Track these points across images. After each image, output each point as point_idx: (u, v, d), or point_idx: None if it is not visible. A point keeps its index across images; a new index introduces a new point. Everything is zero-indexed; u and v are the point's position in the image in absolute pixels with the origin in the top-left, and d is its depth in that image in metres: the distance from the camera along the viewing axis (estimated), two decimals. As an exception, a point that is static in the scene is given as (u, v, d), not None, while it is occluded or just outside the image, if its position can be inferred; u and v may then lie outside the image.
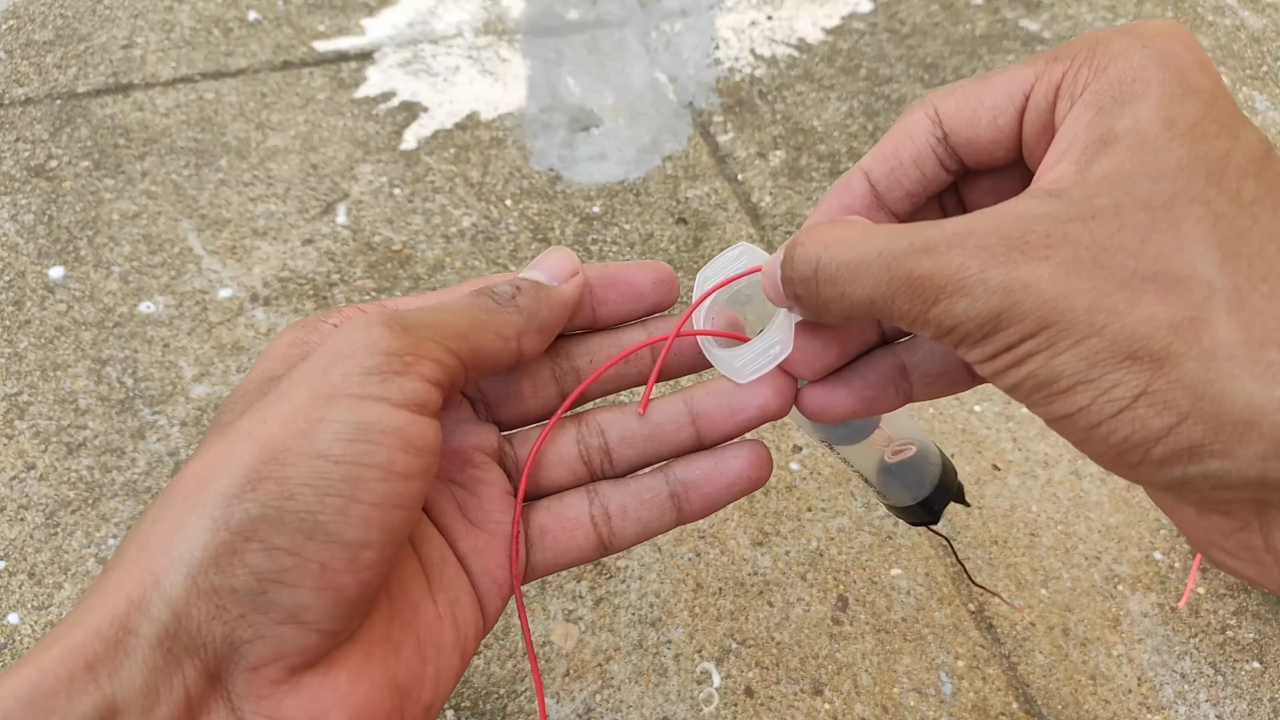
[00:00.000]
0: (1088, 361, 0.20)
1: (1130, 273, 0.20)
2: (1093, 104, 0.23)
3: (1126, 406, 0.20)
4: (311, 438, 0.22)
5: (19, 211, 0.77)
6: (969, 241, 0.21)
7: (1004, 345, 0.21)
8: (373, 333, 0.23)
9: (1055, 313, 0.20)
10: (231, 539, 0.21)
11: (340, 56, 0.93)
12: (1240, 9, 1.08)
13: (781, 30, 1.02)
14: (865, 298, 0.23)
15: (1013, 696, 0.57)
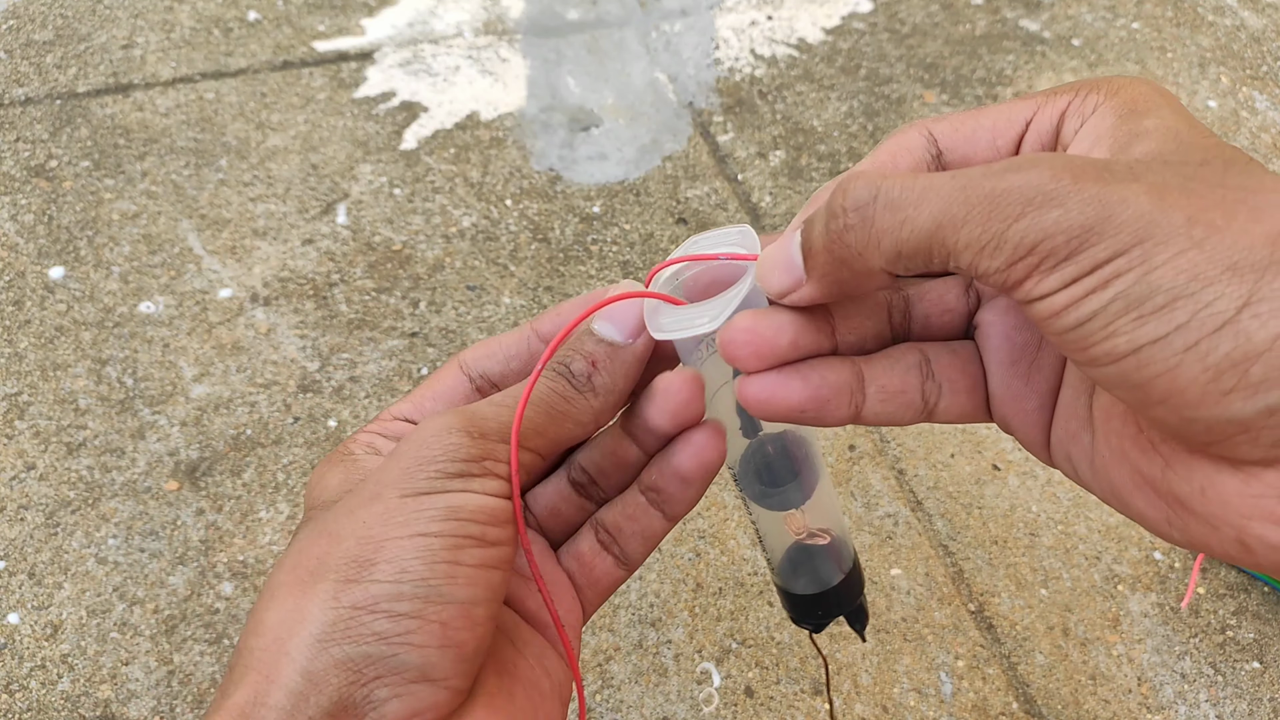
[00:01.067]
0: (1188, 274, 0.19)
1: (1220, 197, 0.20)
2: (1112, 112, 0.23)
3: (1230, 320, 0.19)
4: (409, 524, 0.24)
5: (19, 211, 0.77)
6: (1056, 161, 0.20)
7: (1092, 264, 0.20)
8: (452, 440, 0.25)
9: (1153, 225, 0.19)
10: (356, 613, 0.23)
11: (340, 56, 0.93)
12: (1240, 9, 1.08)
13: (781, 30, 1.02)
14: (930, 223, 0.21)
15: (1013, 696, 0.57)
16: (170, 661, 0.56)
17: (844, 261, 0.23)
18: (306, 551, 0.25)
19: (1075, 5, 1.07)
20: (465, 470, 0.25)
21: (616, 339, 0.27)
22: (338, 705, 0.23)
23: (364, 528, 0.24)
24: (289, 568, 0.25)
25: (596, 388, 0.27)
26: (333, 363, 0.70)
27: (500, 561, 0.25)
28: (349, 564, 0.24)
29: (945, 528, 0.65)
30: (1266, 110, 0.97)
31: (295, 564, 0.25)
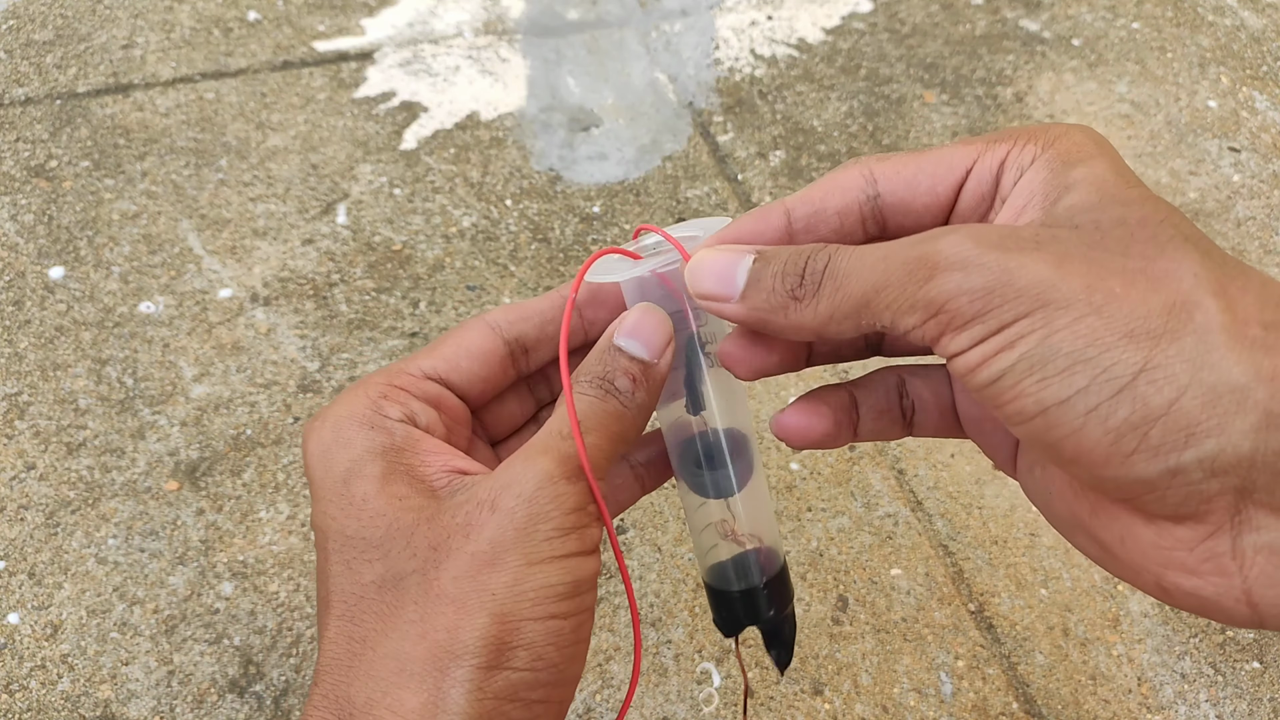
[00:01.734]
0: (1086, 339, 0.20)
1: (1121, 266, 0.21)
2: (1045, 166, 0.24)
3: (1127, 385, 0.20)
4: (538, 604, 0.24)
5: (19, 211, 0.77)
6: (966, 231, 0.22)
7: (997, 325, 0.21)
8: (559, 490, 0.25)
9: (1053, 290, 0.20)
10: (498, 704, 0.24)
11: (340, 56, 0.93)
12: (1240, 9, 1.08)
13: (781, 30, 1.02)
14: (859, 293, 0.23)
15: (1013, 696, 0.57)
16: (170, 661, 0.56)
17: (780, 309, 0.25)
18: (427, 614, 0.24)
19: (1075, 5, 1.07)
20: (576, 523, 0.25)
21: (645, 357, 0.28)
22: None
23: (496, 603, 0.24)
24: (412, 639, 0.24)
25: (639, 404, 0.28)
26: (333, 363, 0.70)
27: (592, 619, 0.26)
28: (488, 648, 0.24)
29: (945, 528, 0.65)
30: (1266, 110, 0.97)
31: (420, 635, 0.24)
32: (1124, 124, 0.95)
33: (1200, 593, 0.22)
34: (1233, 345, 0.20)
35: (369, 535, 0.26)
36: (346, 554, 0.26)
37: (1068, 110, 0.95)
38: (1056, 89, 0.97)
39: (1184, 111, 0.96)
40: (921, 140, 0.91)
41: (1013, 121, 0.94)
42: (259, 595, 0.59)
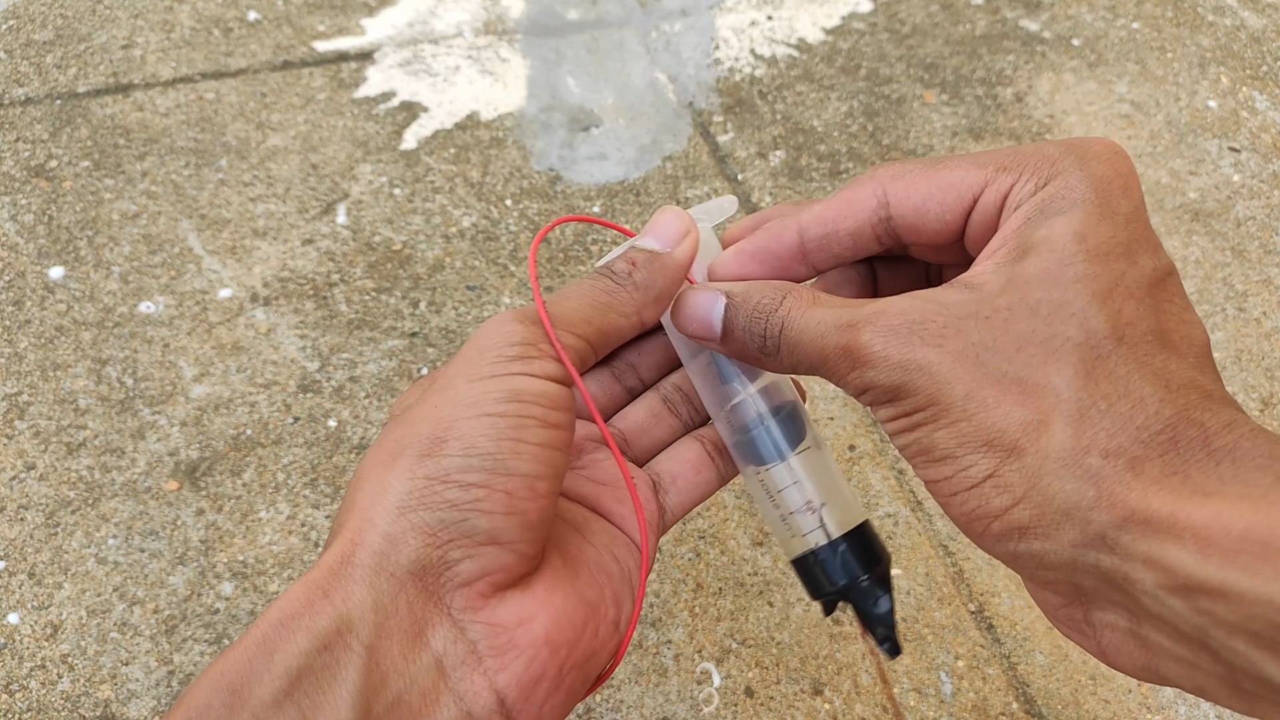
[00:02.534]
0: (956, 440, 0.25)
1: (1002, 374, 0.24)
2: (1025, 214, 0.26)
3: (977, 484, 0.24)
4: (477, 405, 0.27)
5: (19, 211, 0.77)
6: (880, 322, 0.26)
7: (902, 411, 0.26)
8: (507, 327, 0.28)
9: (941, 394, 0.25)
10: (430, 483, 0.26)
11: (340, 56, 0.93)
12: (1240, 9, 1.08)
13: (781, 30, 1.02)
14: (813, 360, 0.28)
15: (1013, 696, 0.57)
16: (170, 661, 0.56)
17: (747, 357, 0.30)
18: (388, 438, 0.28)
19: (1075, 5, 1.07)
20: (522, 354, 0.28)
21: (656, 248, 0.31)
22: (417, 564, 0.26)
23: (435, 411, 0.27)
24: (373, 454, 0.28)
25: (637, 283, 0.30)
26: (333, 363, 0.70)
27: (560, 442, 0.28)
28: (423, 441, 0.26)
29: (945, 527, 0.65)
30: (1266, 110, 0.97)
31: (378, 449, 0.28)
32: (1124, 124, 0.95)
33: (1074, 640, 0.26)
34: (1065, 471, 0.23)
35: None
36: None
37: (1068, 110, 0.95)
38: (1056, 89, 0.97)
39: (1184, 111, 0.96)
40: (921, 140, 0.91)
41: (1013, 123, 0.94)
42: (259, 595, 0.59)
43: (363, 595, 0.25)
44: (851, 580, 0.30)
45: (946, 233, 0.28)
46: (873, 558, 0.31)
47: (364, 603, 0.25)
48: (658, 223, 0.31)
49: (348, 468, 0.65)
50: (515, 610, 0.27)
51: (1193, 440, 0.22)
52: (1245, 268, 0.83)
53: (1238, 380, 0.75)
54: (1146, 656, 0.23)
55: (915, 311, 0.25)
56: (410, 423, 0.27)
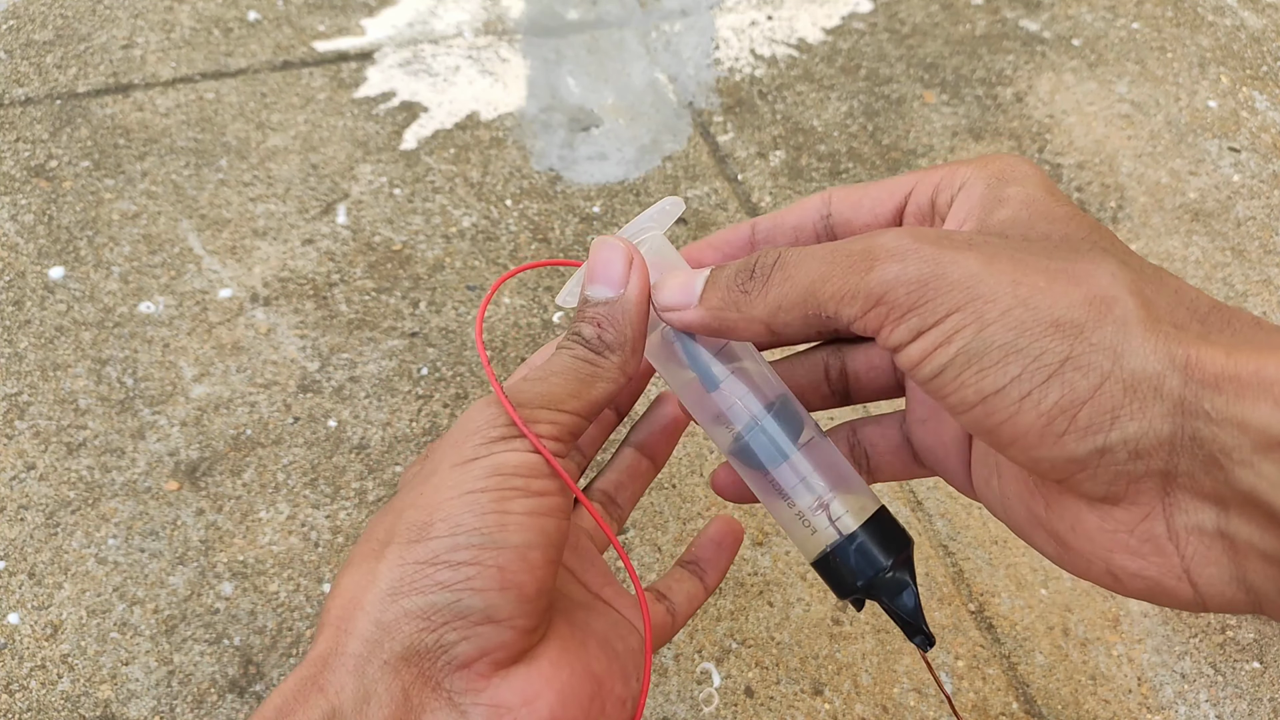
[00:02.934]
0: (1016, 331, 0.22)
1: (1044, 267, 0.23)
2: (980, 182, 0.26)
3: (1055, 371, 0.22)
4: (460, 485, 0.27)
5: (19, 211, 0.77)
6: (905, 230, 0.24)
7: (933, 318, 0.22)
8: (490, 411, 0.28)
9: (982, 285, 0.22)
10: (420, 567, 0.26)
11: (340, 56, 0.93)
12: (1240, 9, 1.08)
13: (781, 30, 1.02)
14: (805, 281, 0.25)
15: (1013, 696, 0.57)
16: (170, 661, 0.56)
17: (734, 304, 0.27)
18: (376, 526, 0.28)
19: (1075, 5, 1.07)
20: (506, 434, 0.27)
21: (609, 295, 0.30)
22: (411, 650, 0.25)
23: (420, 498, 0.27)
24: (362, 542, 0.28)
25: (610, 344, 0.29)
26: (333, 363, 0.70)
27: (550, 509, 0.27)
28: (411, 528, 0.26)
29: (945, 528, 0.65)
30: (1266, 110, 0.97)
31: (368, 537, 0.28)
32: (1124, 124, 0.95)
33: (1144, 573, 0.23)
34: (1148, 336, 0.21)
35: None
36: None
37: (1068, 110, 0.95)
38: (1056, 89, 0.97)
39: (1184, 111, 0.96)
40: (921, 140, 0.91)
41: (1013, 123, 0.94)
42: (259, 595, 0.59)
43: (354, 686, 0.25)
44: (874, 574, 0.29)
45: (878, 225, 0.29)
46: (892, 546, 0.29)
47: (355, 693, 0.25)
48: (599, 265, 0.30)
49: (348, 467, 0.65)
50: (519, 689, 0.26)
51: (1243, 319, 0.22)
52: (1245, 268, 0.83)
53: (1238, 380, 0.75)
54: (1234, 564, 0.22)
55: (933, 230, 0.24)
56: (396, 511, 0.27)
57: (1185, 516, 0.22)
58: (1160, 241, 0.85)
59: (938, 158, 0.90)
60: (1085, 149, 0.92)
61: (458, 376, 0.70)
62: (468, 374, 0.71)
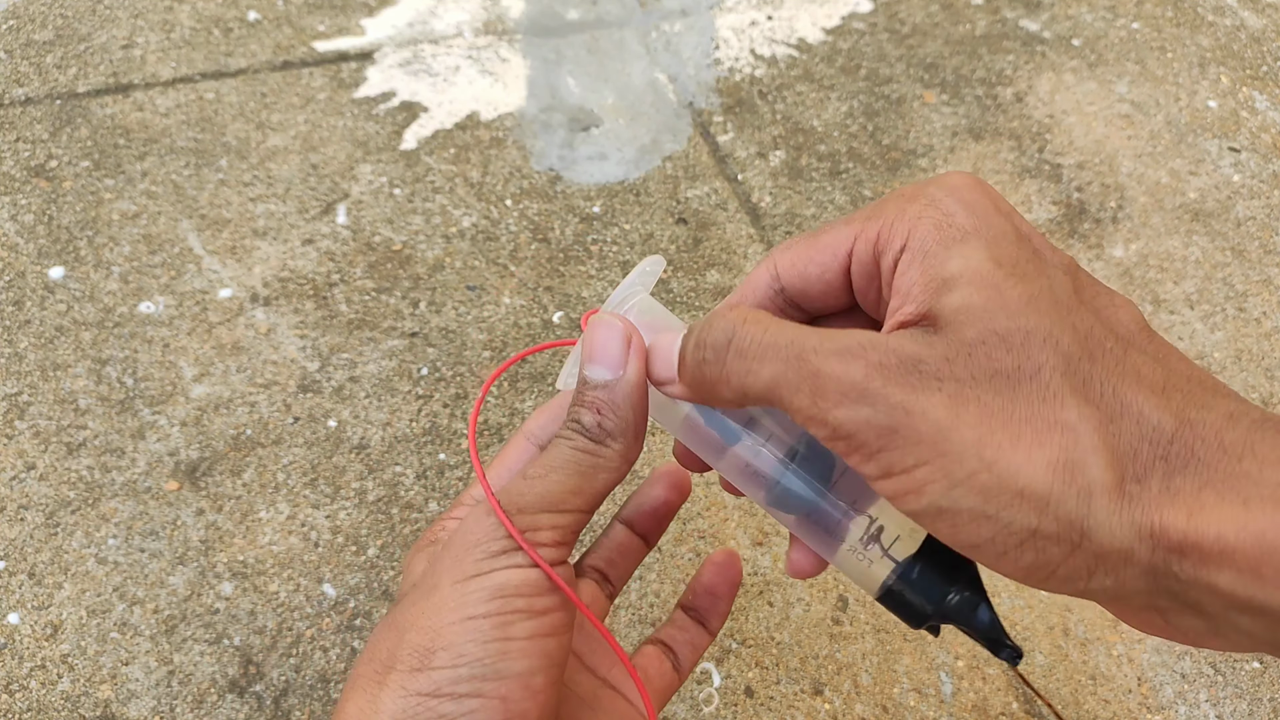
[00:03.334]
0: (983, 497, 0.22)
1: (1009, 415, 0.22)
2: (919, 253, 0.24)
3: (1026, 539, 0.22)
4: (462, 608, 0.27)
5: (19, 211, 0.77)
6: (871, 355, 0.23)
7: (900, 465, 0.22)
8: (490, 521, 0.28)
9: (947, 442, 0.22)
10: (423, 700, 0.26)
11: (340, 56, 0.93)
12: (1240, 9, 1.08)
13: (781, 30, 1.02)
14: (769, 380, 0.24)
15: (1013, 696, 0.57)
16: (170, 661, 0.56)
17: (702, 383, 0.26)
18: (378, 646, 0.28)
19: (1075, 5, 1.07)
20: (508, 547, 0.27)
21: (608, 377, 0.29)
22: None
23: (423, 617, 0.27)
24: (364, 662, 0.28)
25: (611, 431, 0.29)
26: (333, 363, 0.70)
27: (553, 628, 0.27)
28: (413, 654, 0.26)
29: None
30: (1266, 110, 0.97)
31: (370, 656, 0.27)
32: (1124, 124, 0.95)
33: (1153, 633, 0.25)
34: (1113, 507, 0.21)
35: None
36: None
37: (1067, 110, 0.95)
38: (1056, 89, 0.97)
39: (1184, 111, 0.96)
40: (921, 140, 0.91)
41: (1013, 123, 0.94)
42: (259, 595, 0.59)
43: None
44: (941, 599, 0.28)
45: (832, 292, 0.28)
46: (956, 566, 0.28)
47: None
48: (595, 345, 0.29)
49: (347, 467, 0.65)
50: None
51: (1207, 442, 0.22)
52: (1245, 268, 0.83)
53: (1238, 380, 0.75)
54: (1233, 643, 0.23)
55: (905, 349, 0.23)
56: (399, 630, 0.27)
57: (1178, 620, 0.23)
58: (1160, 241, 0.85)
59: (937, 158, 0.90)
60: (1085, 149, 0.92)
61: (458, 376, 0.70)
62: (467, 374, 0.71)
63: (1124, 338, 0.23)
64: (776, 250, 0.29)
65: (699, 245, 0.80)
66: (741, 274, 0.78)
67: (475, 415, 0.31)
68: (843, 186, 0.86)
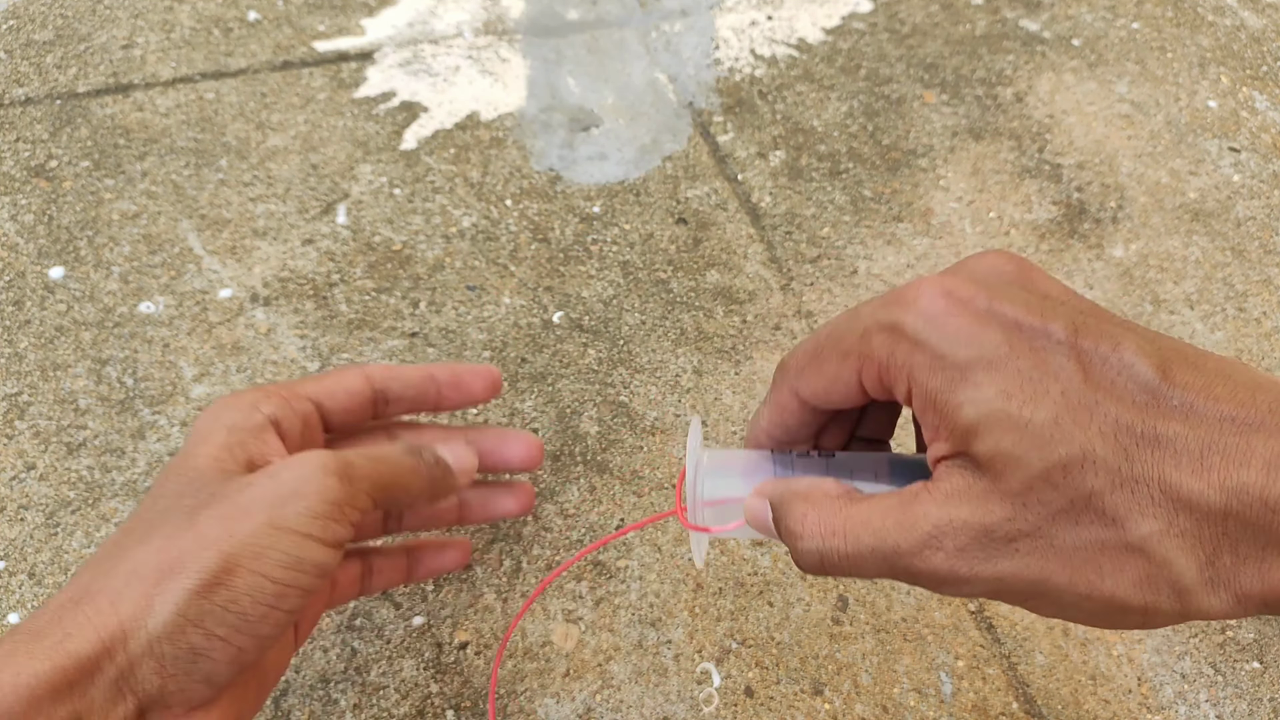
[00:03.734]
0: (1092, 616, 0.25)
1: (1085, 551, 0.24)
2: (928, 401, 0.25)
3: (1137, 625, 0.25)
4: (260, 559, 0.30)
5: (19, 211, 0.77)
6: (948, 542, 0.25)
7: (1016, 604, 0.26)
8: (327, 482, 0.31)
9: (1045, 593, 0.25)
10: (184, 623, 0.29)
11: (340, 56, 0.93)
12: (1240, 9, 1.08)
13: (781, 30, 1.02)
14: (874, 576, 0.27)
15: (1013, 696, 0.58)
16: (170, 661, 0.56)
17: None
18: (175, 538, 0.30)
19: (1075, 5, 1.07)
20: (328, 512, 0.30)
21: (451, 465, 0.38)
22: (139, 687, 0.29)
23: (229, 545, 0.29)
24: (156, 544, 0.30)
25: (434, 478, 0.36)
26: (333, 362, 0.70)
27: (302, 614, 0.32)
28: (202, 579, 0.29)
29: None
30: (1266, 110, 0.97)
31: (161, 547, 0.30)
32: (1124, 124, 0.95)
33: None
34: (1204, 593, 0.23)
35: (178, 478, 0.32)
36: (155, 489, 0.33)
37: (1067, 110, 0.95)
38: (1056, 89, 0.97)
39: (1184, 111, 0.96)
40: (921, 140, 0.91)
41: (1013, 123, 0.94)
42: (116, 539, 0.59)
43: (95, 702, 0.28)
44: None
45: (855, 399, 0.29)
46: None
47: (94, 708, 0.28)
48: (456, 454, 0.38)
49: (348, 468, 0.65)
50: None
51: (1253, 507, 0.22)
52: (1245, 268, 0.83)
53: (1238, 380, 0.75)
54: None
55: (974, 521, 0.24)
56: (200, 540, 0.30)
57: None
58: (1160, 241, 0.85)
59: (937, 157, 0.90)
60: (1085, 149, 0.92)
61: (458, 376, 0.70)
62: (468, 374, 0.71)
63: (1146, 406, 0.23)
64: (791, 371, 0.30)
65: (699, 245, 0.81)
66: (741, 274, 0.78)
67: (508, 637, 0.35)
68: (843, 186, 0.87)
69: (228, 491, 0.31)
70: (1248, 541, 0.22)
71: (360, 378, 0.38)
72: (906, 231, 0.83)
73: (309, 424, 0.37)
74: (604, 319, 0.75)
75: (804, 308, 0.77)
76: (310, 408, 0.36)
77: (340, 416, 0.38)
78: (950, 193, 0.87)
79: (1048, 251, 0.83)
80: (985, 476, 0.24)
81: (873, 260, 0.81)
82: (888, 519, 0.26)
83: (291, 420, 0.35)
